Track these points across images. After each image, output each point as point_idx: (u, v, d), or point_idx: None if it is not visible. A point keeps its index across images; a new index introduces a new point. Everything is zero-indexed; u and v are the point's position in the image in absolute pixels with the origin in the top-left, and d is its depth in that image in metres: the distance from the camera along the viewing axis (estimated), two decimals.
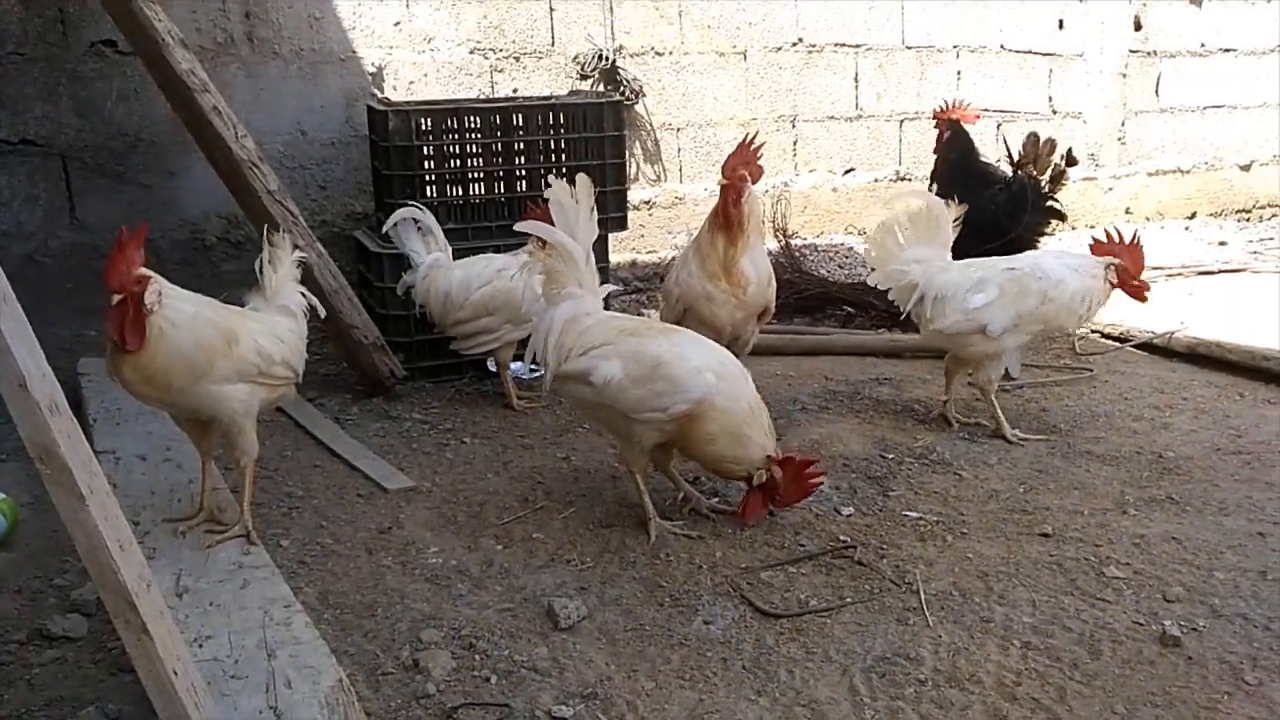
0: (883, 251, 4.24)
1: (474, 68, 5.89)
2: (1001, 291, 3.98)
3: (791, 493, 3.32)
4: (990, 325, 3.97)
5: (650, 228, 6.49)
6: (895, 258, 4.18)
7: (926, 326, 4.14)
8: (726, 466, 3.30)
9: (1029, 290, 3.96)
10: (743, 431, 3.23)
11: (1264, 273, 6.68)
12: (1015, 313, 3.96)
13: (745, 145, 3.91)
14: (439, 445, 4.12)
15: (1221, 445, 3.99)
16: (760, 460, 3.26)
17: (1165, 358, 5.11)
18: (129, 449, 3.76)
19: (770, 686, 2.59)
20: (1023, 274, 4.00)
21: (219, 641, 2.56)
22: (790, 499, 3.34)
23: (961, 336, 4.04)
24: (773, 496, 3.33)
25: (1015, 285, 3.98)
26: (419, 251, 4.51)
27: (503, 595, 3.01)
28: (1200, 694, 2.51)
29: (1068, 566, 3.11)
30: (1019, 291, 3.97)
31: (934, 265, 4.12)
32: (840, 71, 6.93)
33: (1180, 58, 8.00)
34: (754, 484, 3.30)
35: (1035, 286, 3.96)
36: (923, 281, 4.10)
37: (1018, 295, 3.97)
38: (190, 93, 4.12)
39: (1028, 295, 3.96)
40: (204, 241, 5.39)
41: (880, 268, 4.23)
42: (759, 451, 3.25)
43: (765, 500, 3.34)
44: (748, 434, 3.24)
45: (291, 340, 3.32)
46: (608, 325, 3.34)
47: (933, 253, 4.15)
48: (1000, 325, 3.97)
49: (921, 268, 4.12)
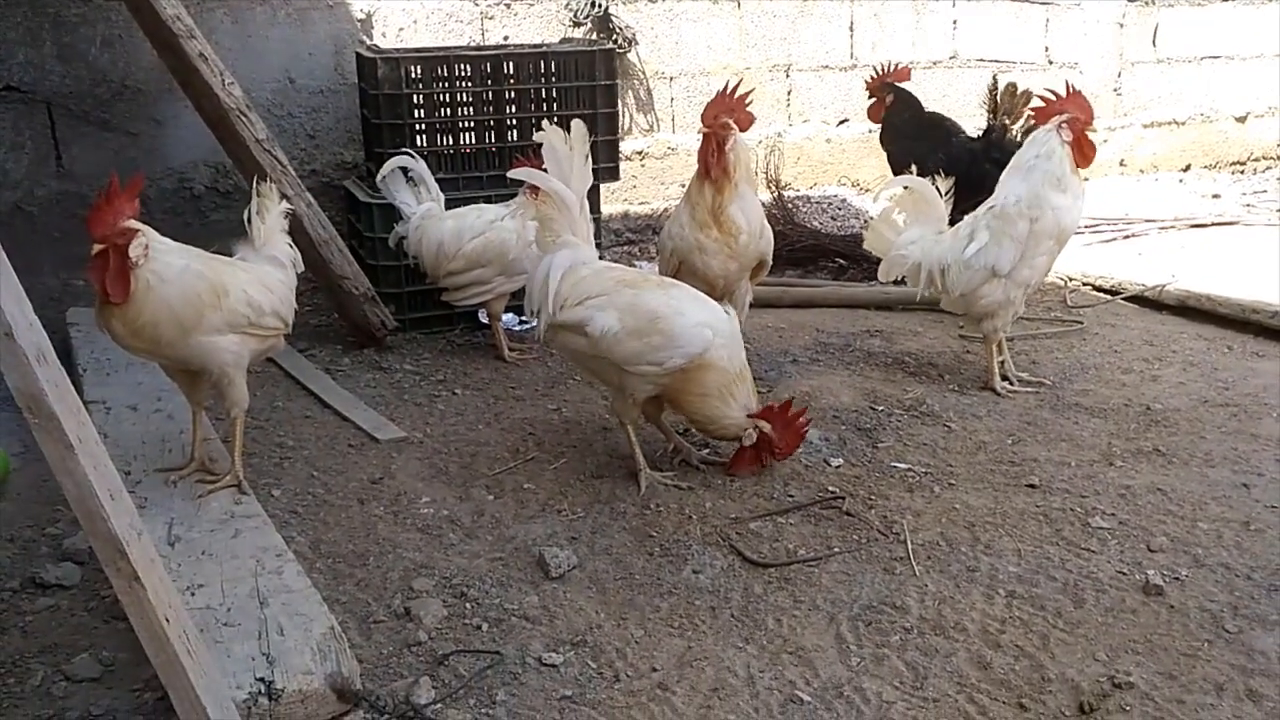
0: (881, 243, 4.25)
1: (465, 14, 5.80)
2: (991, 231, 3.97)
3: (788, 441, 3.34)
4: (998, 264, 3.94)
5: (643, 178, 6.44)
6: (893, 245, 4.20)
7: (947, 299, 4.14)
8: (716, 425, 3.31)
9: (1012, 216, 3.94)
10: (732, 391, 3.24)
11: (1256, 225, 6.67)
12: (1012, 243, 3.94)
13: (727, 93, 3.88)
14: (430, 396, 4.12)
15: (1209, 398, 4.02)
16: (744, 421, 3.28)
17: (1155, 310, 5.11)
18: (119, 399, 3.76)
19: (758, 634, 2.62)
20: (1000, 207, 3.99)
21: (211, 590, 2.59)
22: (789, 448, 3.36)
23: (976, 292, 4.01)
24: (771, 451, 3.34)
25: (999, 220, 3.97)
26: (409, 203, 4.47)
27: (494, 545, 3.04)
28: (1181, 641, 2.55)
29: (1053, 517, 3.14)
30: (1004, 223, 3.95)
31: (928, 240, 4.12)
32: (835, 20, 6.84)
33: (1178, 7, 7.90)
34: (744, 444, 3.32)
35: (1014, 210, 3.94)
36: (924, 258, 4.10)
37: (1005, 227, 3.95)
38: (176, 39, 4.05)
39: (1015, 221, 3.93)
40: (192, 190, 5.34)
41: (884, 259, 4.24)
42: (742, 412, 3.27)
43: (758, 457, 3.36)
44: (736, 394, 3.25)
45: (281, 290, 3.30)
46: (604, 275, 3.33)
47: (927, 230, 4.16)
48: (1008, 261, 3.94)
49: (918, 246, 4.13)
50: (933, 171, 4.30)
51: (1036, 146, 3.97)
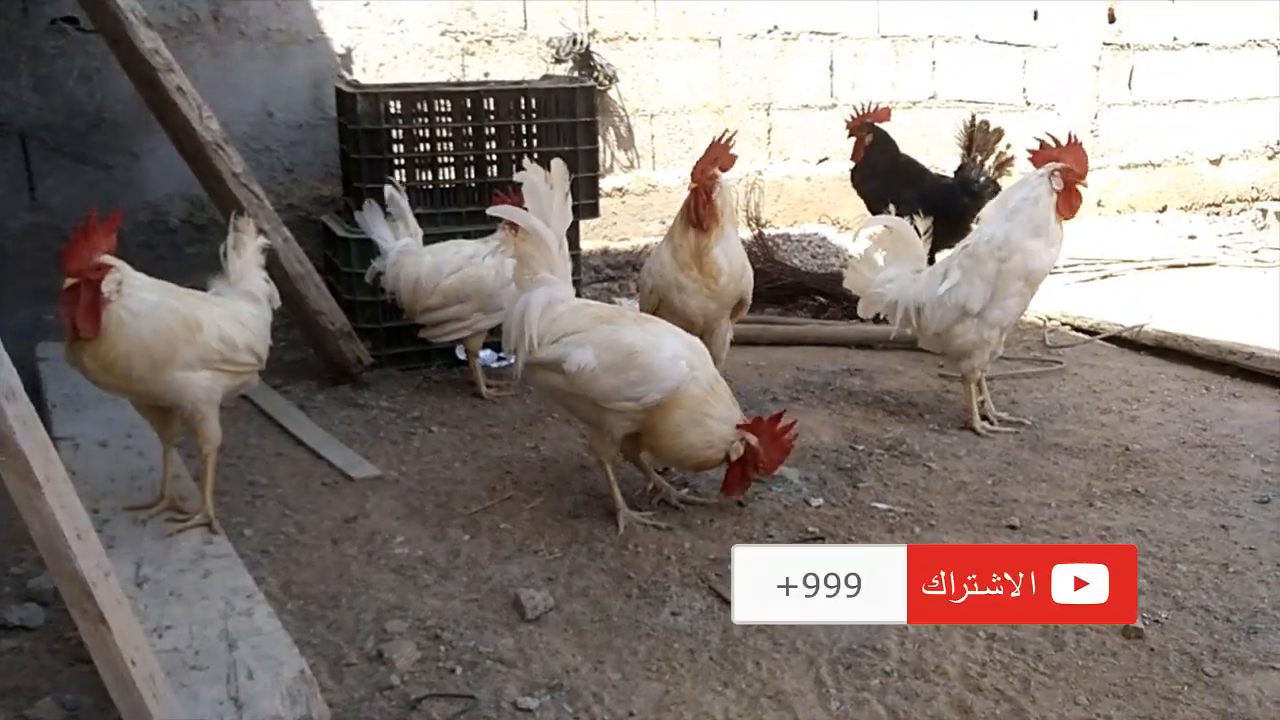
0: (861, 281, 4.27)
1: (445, 50, 5.82)
2: (963, 270, 3.99)
3: (773, 455, 3.26)
4: (969, 303, 3.96)
5: (623, 215, 6.45)
6: (871, 283, 4.22)
7: (923, 336, 4.16)
8: (698, 455, 3.25)
9: (983, 256, 3.95)
10: (706, 411, 3.19)
11: (1232, 266, 6.75)
12: (983, 282, 3.94)
13: (718, 144, 3.90)
14: (406, 434, 4.08)
15: (1187, 438, 4.03)
16: (730, 434, 3.21)
17: (1134, 350, 5.15)
18: (89, 435, 3.70)
19: (737, 678, 2.58)
20: (973, 246, 4.02)
21: (179, 631, 2.53)
22: (774, 461, 3.28)
23: (950, 330, 4.02)
24: (756, 466, 3.26)
25: (970, 259, 3.99)
26: (387, 238, 4.45)
27: (469, 586, 2.99)
28: (1161, 685, 2.53)
29: None
30: (975, 262, 3.97)
31: (905, 278, 4.14)
32: (815, 60, 6.90)
33: (1153, 51, 8.03)
34: (732, 460, 3.25)
35: (985, 250, 3.95)
36: (900, 296, 4.12)
37: (976, 266, 3.96)
38: (154, 72, 4.04)
39: (985, 261, 3.94)
40: (167, 224, 5.30)
41: (863, 298, 4.26)
42: (726, 426, 3.21)
43: (746, 473, 3.28)
44: (712, 413, 3.20)
45: (255, 326, 3.27)
46: (580, 312, 3.32)
47: (905, 268, 4.18)
48: (979, 300, 3.95)
49: (895, 284, 4.15)
50: (911, 210, 4.32)
51: (1025, 189, 3.99)
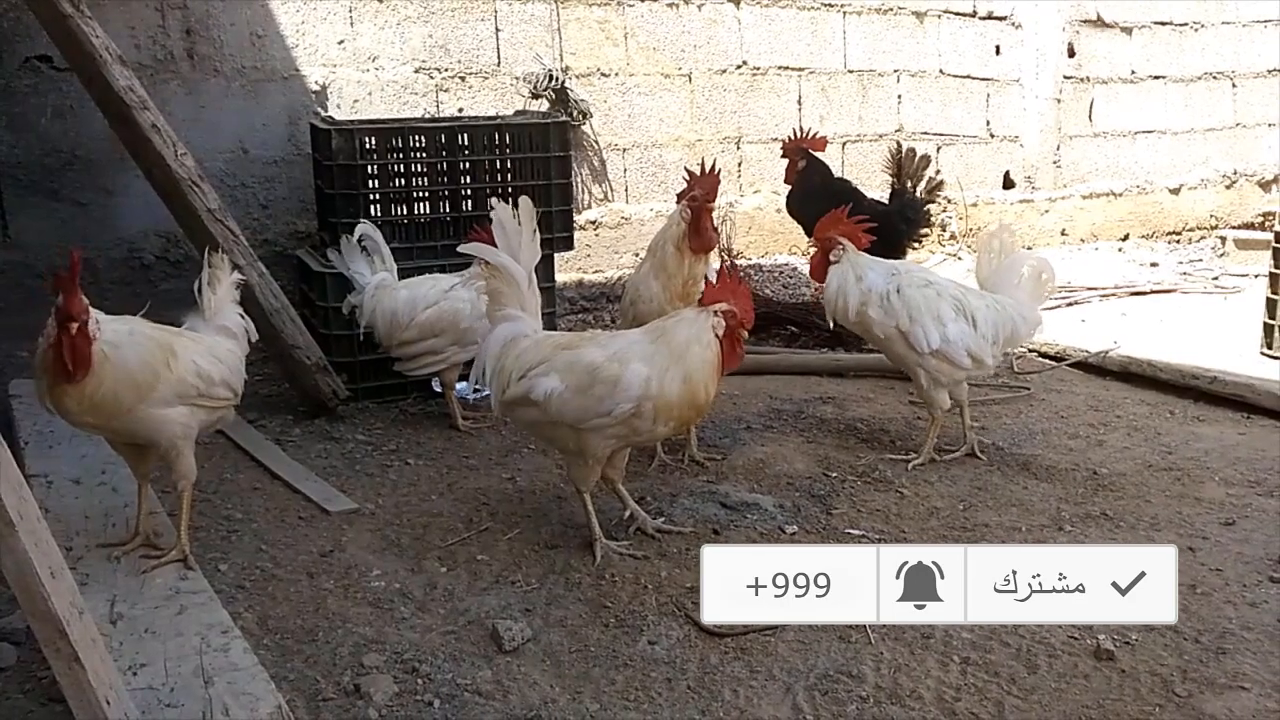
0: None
1: (419, 87, 5.87)
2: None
3: (745, 305, 3.19)
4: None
5: (596, 247, 6.50)
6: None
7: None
8: (701, 396, 3.19)
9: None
10: (692, 381, 3.16)
11: (1193, 293, 6.88)
12: None
13: (711, 172, 3.95)
14: (382, 466, 4.08)
15: (1153, 462, 4.09)
16: (705, 315, 3.17)
17: (1100, 376, 5.23)
18: (62, 472, 3.67)
19: (714, 706, 2.60)
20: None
21: (154, 669, 2.52)
22: (748, 310, 3.20)
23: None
24: (741, 325, 3.19)
25: None
26: (363, 272, 4.47)
27: (446, 618, 2.99)
28: (1133, 706, 2.57)
29: None
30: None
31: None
32: (784, 94, 7.02)
33: (1112, 84, 8.21)
34: (718, 336, 3.18)
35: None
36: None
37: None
38: (128, 110, 4.06)
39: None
40: (142, 260, 5.30)
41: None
42: (699, 347, 3.16)
43: (736, 340, 3.19)
44: (694, 381, 3.16)
45: (231, 360, 3.28)
46: (543, 344, 3.35)
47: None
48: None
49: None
50: None
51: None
